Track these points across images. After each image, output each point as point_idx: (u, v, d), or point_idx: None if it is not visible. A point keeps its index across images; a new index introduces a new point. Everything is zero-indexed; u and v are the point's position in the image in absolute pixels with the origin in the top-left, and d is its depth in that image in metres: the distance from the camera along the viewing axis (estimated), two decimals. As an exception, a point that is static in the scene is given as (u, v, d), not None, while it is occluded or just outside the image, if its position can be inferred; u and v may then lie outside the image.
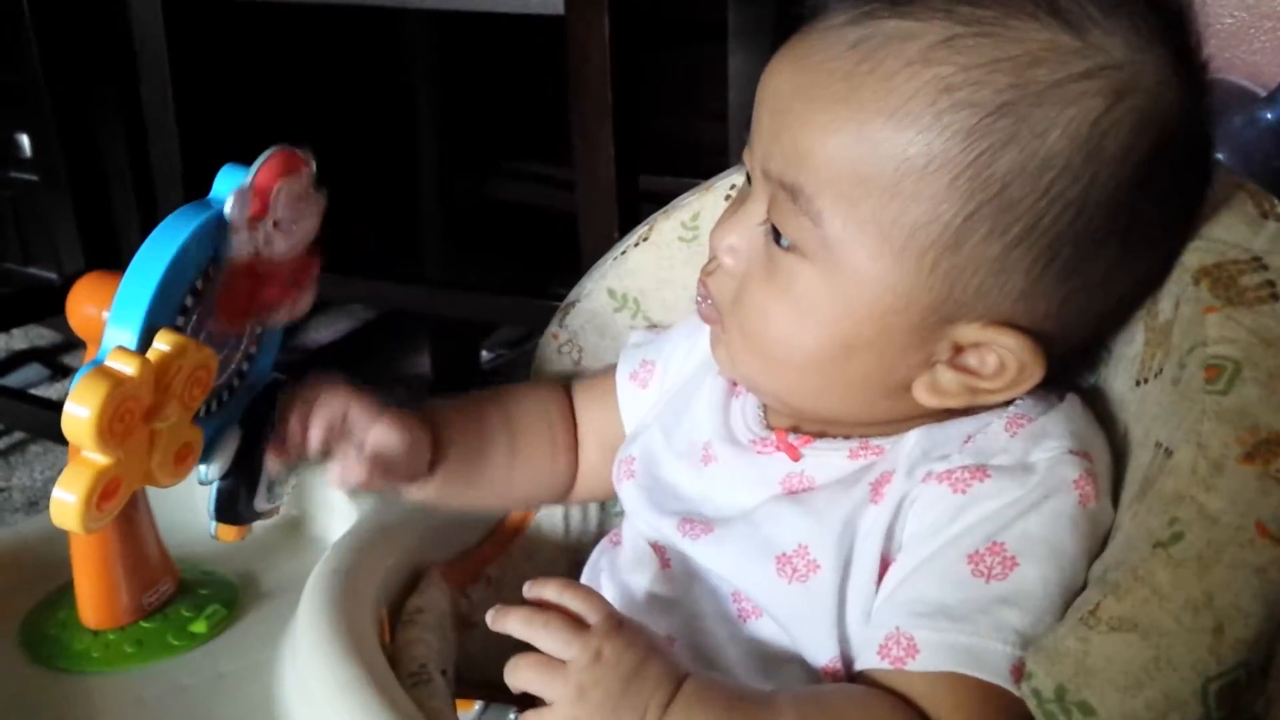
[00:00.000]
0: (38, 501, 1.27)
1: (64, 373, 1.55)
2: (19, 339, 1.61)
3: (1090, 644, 0.40)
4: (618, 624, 0.43)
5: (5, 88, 1.34)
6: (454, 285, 1.40)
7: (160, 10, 1.05)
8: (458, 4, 0.97)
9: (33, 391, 1.47)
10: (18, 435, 1.38)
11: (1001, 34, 0.42)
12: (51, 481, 1.35)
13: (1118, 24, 0.42)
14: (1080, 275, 0.44)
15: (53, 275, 1.47)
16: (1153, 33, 0.43)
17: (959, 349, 0.46)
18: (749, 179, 0.49)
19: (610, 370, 0.61)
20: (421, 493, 0.55)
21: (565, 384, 0.63)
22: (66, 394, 0.42)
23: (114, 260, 1.24)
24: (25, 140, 1.42)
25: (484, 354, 1.59)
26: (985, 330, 0.45)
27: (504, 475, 0.58)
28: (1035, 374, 0.45)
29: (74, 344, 1.60)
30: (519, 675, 0.43)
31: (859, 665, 0.45)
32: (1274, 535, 0.39)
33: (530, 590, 0.45)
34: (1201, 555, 0.39)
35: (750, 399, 0.53)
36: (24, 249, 1.52)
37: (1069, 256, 0.43)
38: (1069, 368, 0.50)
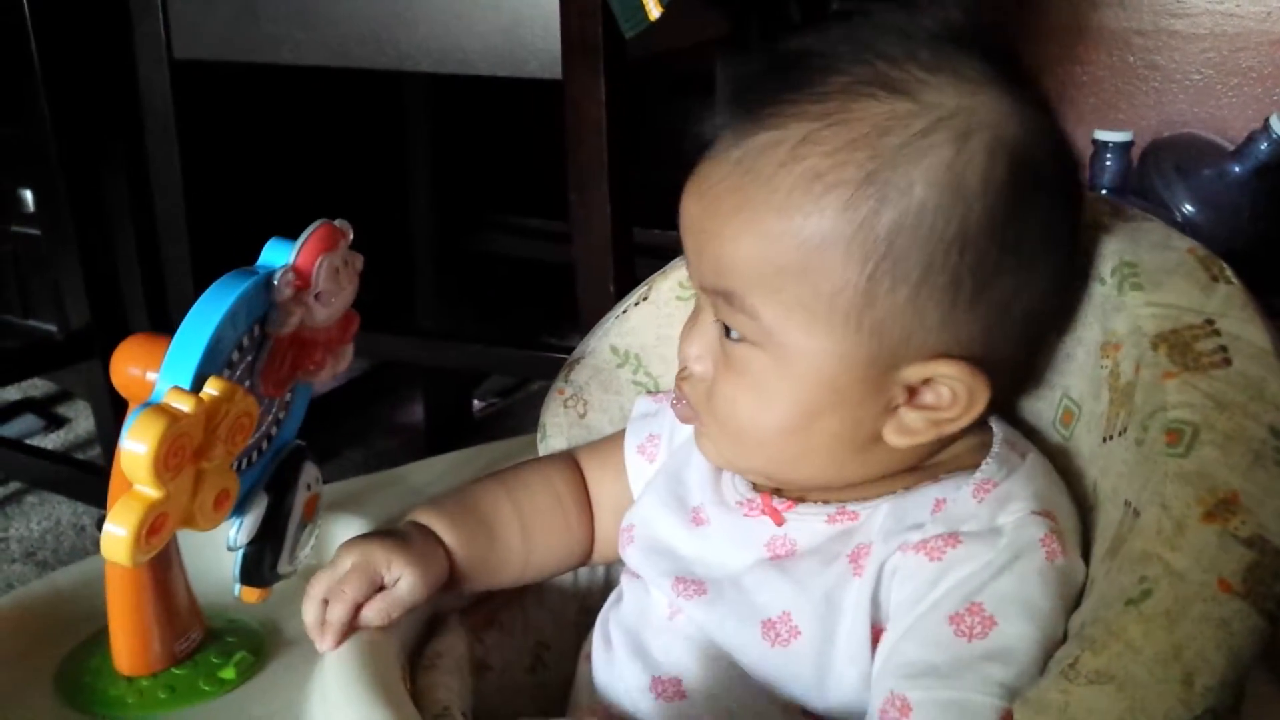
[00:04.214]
0: (35, 552, 1.26)
1: (58, 423, 1.55)
2: (12, 389, 1.60)
3: (1071, 696, 0.42)
4: None
5: (10, 143, 1.37)
6: (447, 336, 1.43)
7: (167, 70, 1.09)
8: (457, 68, 1.01)
9: (28, 442, 1.48)
10: (14, 485, 1.39)
11: (848, 118, 0.47)
12: (49, 532, 1.35)
13: (944, 79, 0.48)
14: (987, 299, 0.49)
15: (53, 328, 1.49)
16: (981, 78, 0.48)
17: (913, 390, 0.50)
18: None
19: (617, 440, 0.65)
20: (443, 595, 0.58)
21: (570, 453, 0.66)
22: (62, 445, 0.43)
23: (119, 314, 1.27)
24: (28, 195, 1.44)
25: (476, 403, 1.61)
26: (926, 365, 0.49)
27: (520, 559, 0.61)
28: (983, 394, 0.50)
29: (69, 395, 1.61)
30: None
31: None
32: (1235, 589, 0.42)
33: None
34: (1169, 611, 0.42)
35: None
36: (24, 302, 1.53)
37: (972, 285, 0.48)
38: (1014, 382, 0.55)
